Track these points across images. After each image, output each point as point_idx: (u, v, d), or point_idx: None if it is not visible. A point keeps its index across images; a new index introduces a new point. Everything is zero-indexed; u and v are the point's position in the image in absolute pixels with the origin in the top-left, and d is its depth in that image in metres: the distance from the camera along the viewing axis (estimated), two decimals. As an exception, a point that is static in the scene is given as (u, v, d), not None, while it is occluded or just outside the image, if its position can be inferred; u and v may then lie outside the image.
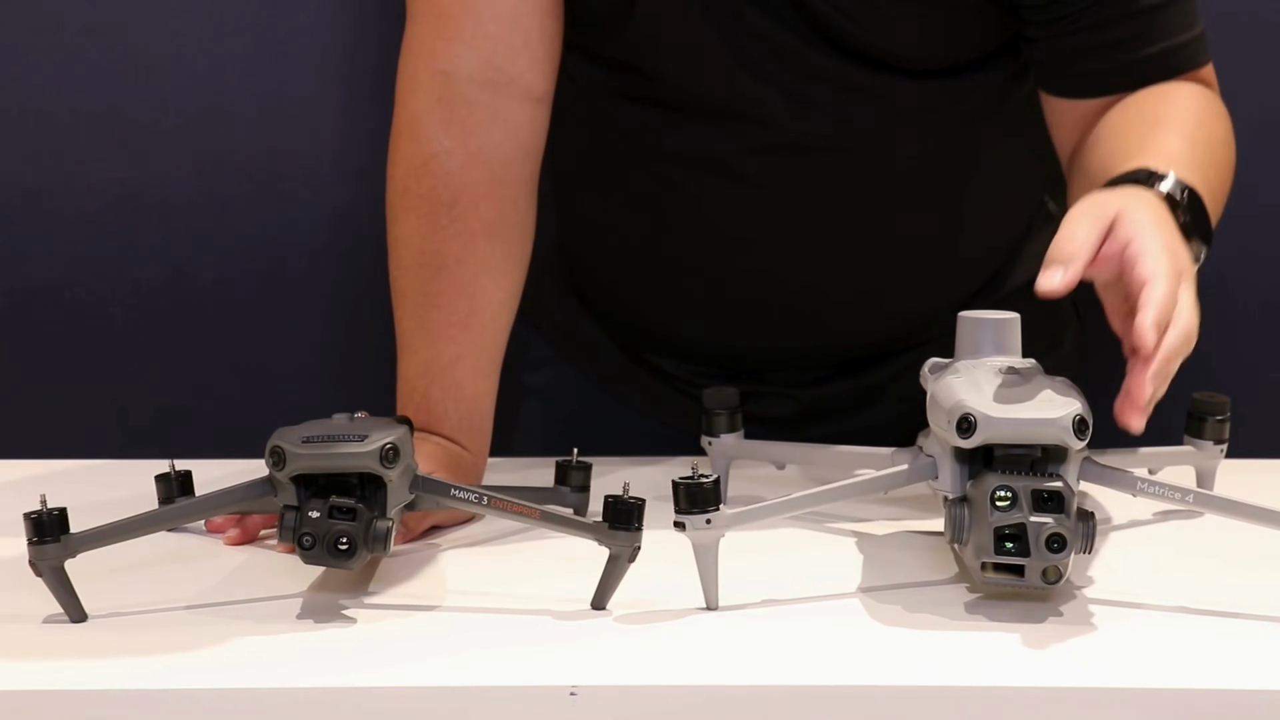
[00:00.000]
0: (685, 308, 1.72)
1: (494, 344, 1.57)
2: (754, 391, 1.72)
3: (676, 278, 1.70)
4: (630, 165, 1.68)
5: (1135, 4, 1.54)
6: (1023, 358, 1.36)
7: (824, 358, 1.74)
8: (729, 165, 1.63)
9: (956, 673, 1.18)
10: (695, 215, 1.66)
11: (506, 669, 1.19)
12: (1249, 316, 2.04)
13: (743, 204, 1.64)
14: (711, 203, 1.65)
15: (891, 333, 1.72)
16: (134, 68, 2.00)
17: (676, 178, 1.65)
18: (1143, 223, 1.32)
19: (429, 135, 1.56)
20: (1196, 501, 1.33)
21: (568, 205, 1.74)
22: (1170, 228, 1.36)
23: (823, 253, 1.66)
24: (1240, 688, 1.16)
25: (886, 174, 1.64)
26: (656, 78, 1.62)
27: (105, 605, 1.27)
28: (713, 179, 1.64)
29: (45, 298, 2.03)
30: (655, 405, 1.78)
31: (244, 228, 2.03)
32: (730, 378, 1.67)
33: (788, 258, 1.66)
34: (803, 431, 1.66)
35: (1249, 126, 1.62)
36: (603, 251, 1.76)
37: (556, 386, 1.82)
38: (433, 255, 1.55)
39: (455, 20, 1.57)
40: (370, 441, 1.27)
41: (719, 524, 1.26)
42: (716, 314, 1.71)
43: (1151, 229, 1.32)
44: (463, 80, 1.56)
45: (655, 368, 1.78)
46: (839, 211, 1.64)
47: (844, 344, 1.73)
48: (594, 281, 1.79)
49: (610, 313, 1.78)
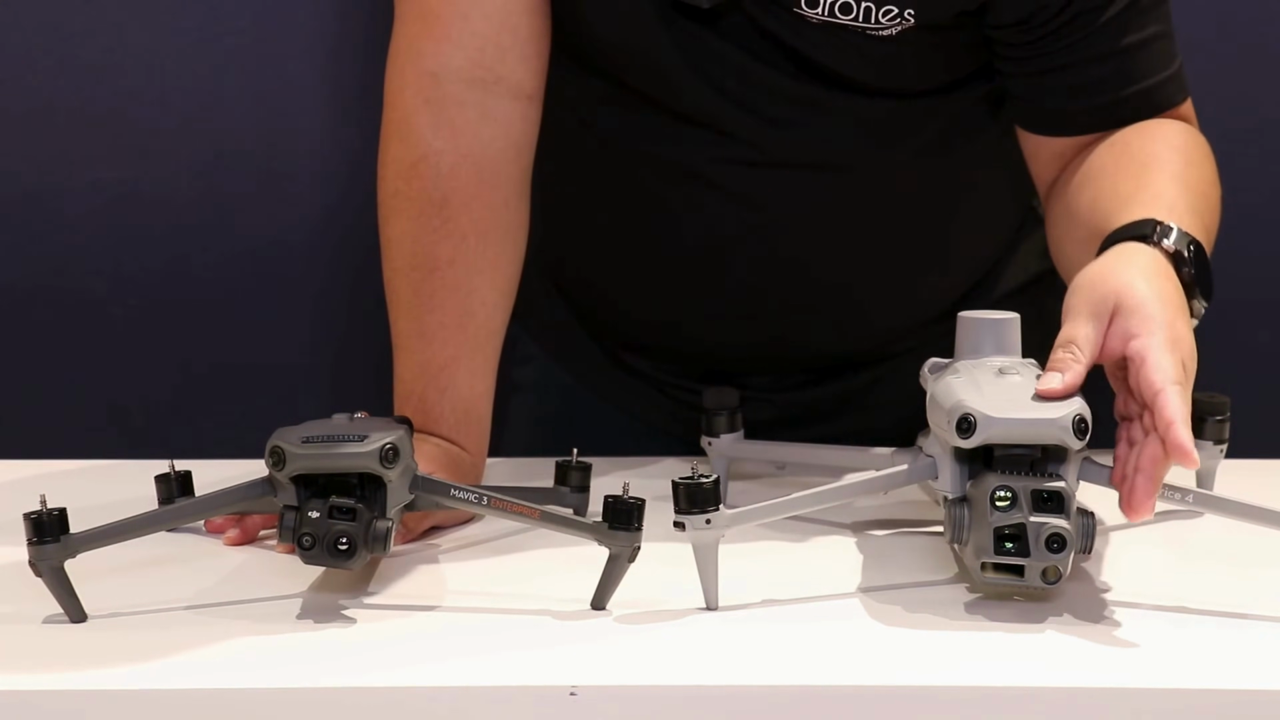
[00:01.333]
0: (665, 312, 1.72)
1: (489, 344, 1.57)
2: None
3: (657, 282, 1.70)
4: (612, 171, 1.67)
5: (1115, 44, 1.52)
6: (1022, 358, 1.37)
7: (804, 364, 1.74)
8: (710, 176, 1.62)
9: (956, 673, 1.18)
10: (676, 223, 1.66)
11: (506, 669, 1.19)
12: (1249, 316, 2.04)
13: (724, 214, 1.64)
14: (693, 211, 1.64)
15: (872, 341, 1.72)
16: (134, 68, 2.00)
17: (658, 185, 1.65)
18: (1145, 314, 1.31)
19: (419, 136, 1.56)
20: (1196, 501, 1.33)
21: (551, 207, 1.74)
22: (1171, 297, 1.34)
23: (805, 263, 1.66)
24: (1240, 688, 1.16)
25: (869, 188, 1.63)
26: (636, 91, 1.61)
27: (105, 605, 1.27)
28: (695, 188, 1.63)
29: (45, 297, 2.03)
30: (636, 403, 1.78)
31: (243, 227, 2.03)
32: (709, 381, 1.67)
33: (769, 267, 1.66)
34: (783, 435, 1.66)
35: (1250, 125, 1.62)
36: (584, 254, 1.76)
37: (542, 384, 1.82)
38: (425, 257, 1.55)
39: (442, 20, 1.56)
40: (370, 441, 1.27)
41: (719, 524, 1.26)
42: (696, 319, 1.71)
43: (1154, 321, 1.30)
44: (451, 80, 1.56)
45: (635, 368, 1.77)
46: (822, 224, 1.64)
47: (824, 351, 1.73)
48: (576, 282, 1.79)
49: (591, 313, 1.78)
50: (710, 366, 1.74)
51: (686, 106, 1.59)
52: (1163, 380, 1.27)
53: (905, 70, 1.57)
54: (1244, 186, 2.00)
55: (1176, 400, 1.27)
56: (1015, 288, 1.73)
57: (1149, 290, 1.32)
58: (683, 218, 1.65)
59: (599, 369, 1.79)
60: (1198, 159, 1.53)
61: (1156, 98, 1.54)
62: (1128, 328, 1.31)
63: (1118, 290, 1.32)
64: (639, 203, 1.67)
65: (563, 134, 1.66)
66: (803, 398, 1.74)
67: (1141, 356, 1.29)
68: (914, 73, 1.58)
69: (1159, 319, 1.31)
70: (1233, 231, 2.01)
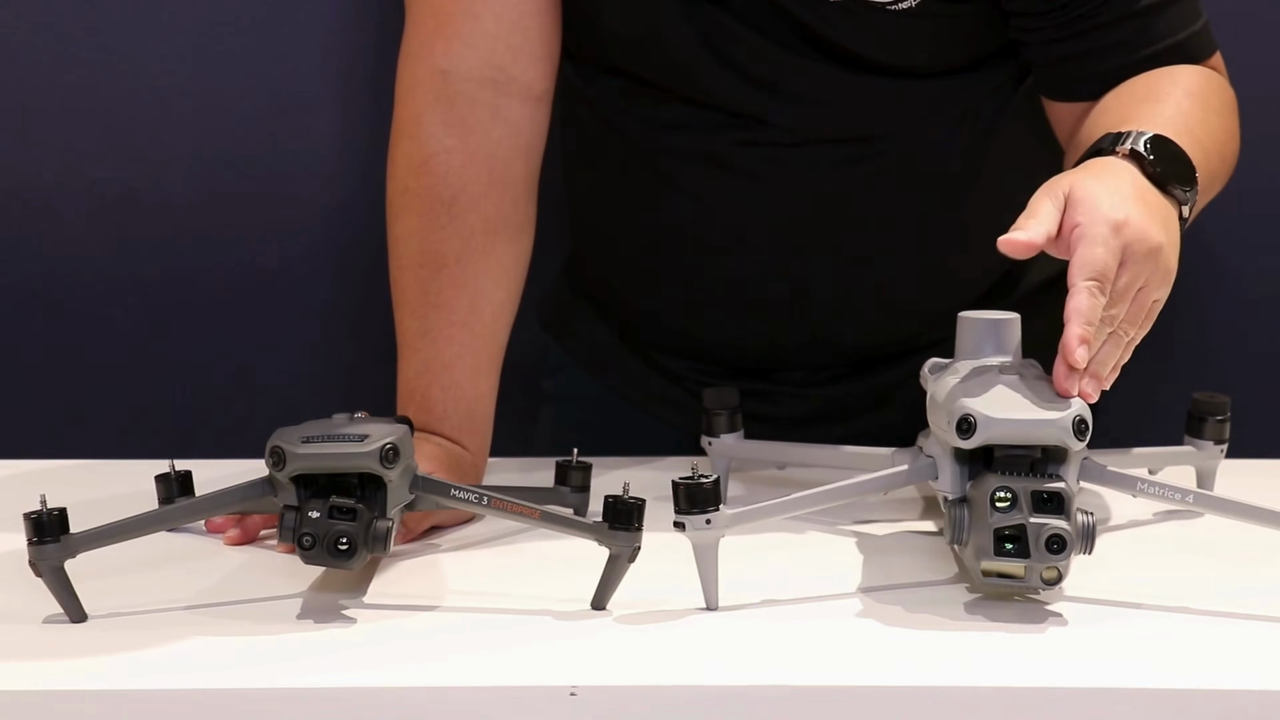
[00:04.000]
0: (695, 307, 1.71)
1: (494, 344, 1.57)
2: (764, 391, 1.72)
3: (685, 276, 1.70)
4: (637, 165, 1.67)
5: (1132, 5, 1.53)
6: (1023, 358, 1.37)
7: (835, 355, 1.73)
8: (737, 163, 1.62)
9: (956, 673, 1.18)
10: (706, 214, 1.65)
11: (506, 669, 1.19)
12: (1250, 316, 2.04)
13: (751, 200, 1.63)
14: (720, 201, 1.64)
15: (904, 330, 1.71)
16: (134, 68, 2.00)
17: (684, 178, 1.65)
18: (1090, 205, 1.33)
19: (429, 134, 1.56)
20: (1196, 502, 1.33)
21: (577, 208, 1.74)
22: (1127, 191, 1.36)
23: (834, 251, 1.66)
24: (1240, 688, 1.16)
25: (894, 168, 1.63)
26: (656, 84, 1.62)
27: (105, 605, 1.27)
28: (720, 176, 1.63)
29: (45, 298, 2.03)
30: (673, 412, 1.77)
31: (244, 227, 2.03)
32: (741, 377, 1.66)
33: (797, 253, 1.65)
34: (812, 431, 1.66)
35: (1250, 125, 1.62)
36: (611, 252, 1.75)
37: (572, 391, 1.81)
38: (432, 254, 1.55)
39: (454, 20, 1.57)
40: (370, 441, 1.27)
41: (719, 524, 1.26)
42: (726, 312, 1.70)
43: (1097, 212, 1.32)
44: (462, 79, 1.57)
45: (665, 369, 1.77)
46: (847, 205, 1.64)
47: (856, 342, 1.72)
48: (603, 283, 1.78)
49: (622, 317, 1.78)
50: (740, 363, 1.73)
51: (708, 93, 1.59)
52: (1077, 275, 1.29)
53: (924, 48, 1.57)
54: (1245, 186, 2.00)
55: (1082, 298, 1.29)
56: (1044, 279, 1.72)
57: (1098, 185, 1.34)
58: (712, 209, 1.64)
59: (628, 373, 1.78)
60: (1201, 90, 1.52)
61: (1180, 54, 1.54)
62: (1073, 217, 1.32)
63: (1070, 184, 1.34)
64: (667, 197, 1.66)
65: (587, 137, 1.66)
66: (835, 393, 1.73)
67: (1074, 247, 1.31)
68: (933, 50, 1.58)
69: (1103, 209, 1.32)
70: (1233, 231, 2.02)
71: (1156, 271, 1.34)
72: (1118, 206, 1.33)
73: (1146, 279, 1.33)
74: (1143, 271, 1.33)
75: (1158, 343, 1.94)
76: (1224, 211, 1.70)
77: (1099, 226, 1.31)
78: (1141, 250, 1.32)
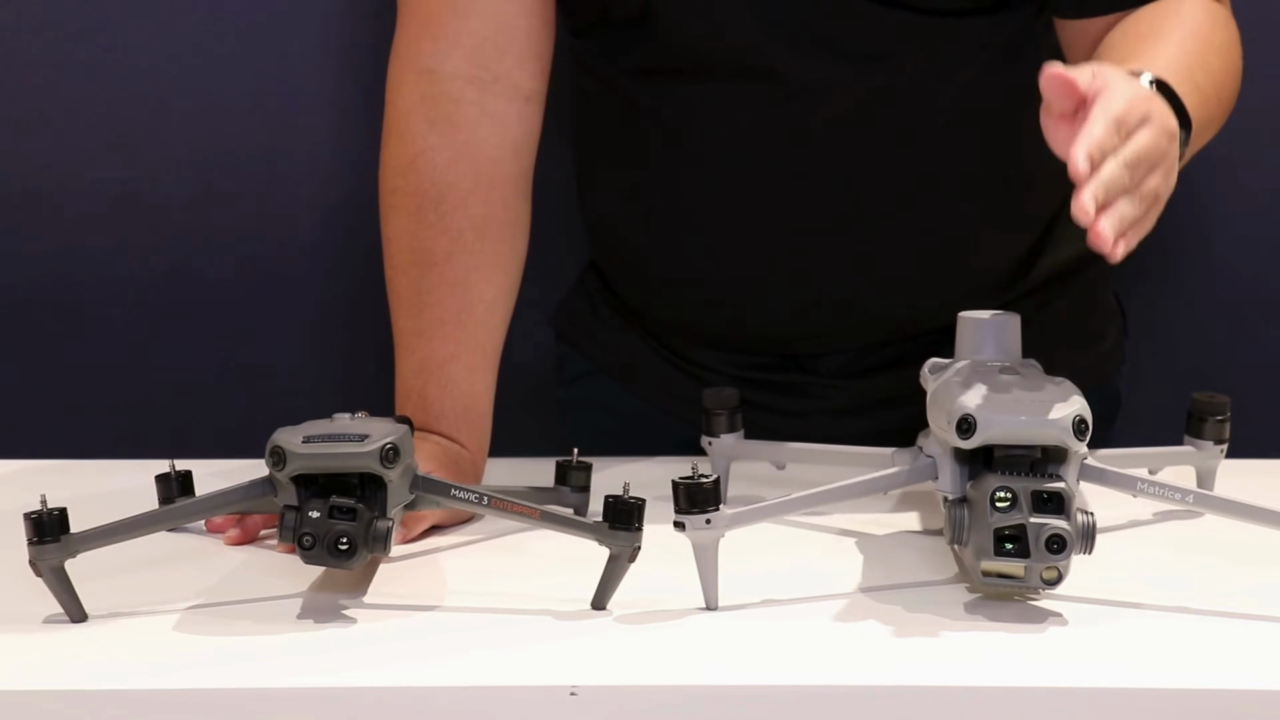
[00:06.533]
0: (725, 286, 1.67)
1: (489, 341, 1.57)
2: (799, 384, 1.71)
3: (713, 263, 1.67)
4: (658, 150, 1.65)
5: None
6: (1023, 358, 1.36)
7: (867, 333, 1.70)
8: (760, 138, 1.60)
9: (956, 673, 1.18)
10: (729, 187, 1.63)
11: (506, 669, 1.19)
12: (1250, 316, 2.04)
13: (777, 179, 1.61)
14: (742, 179, 1.62)
15: (930, 304, 1.67)
16: (133, 68, 2.00)
17: (710, 154, 1.61)
18: (1121, 74, 1.33)
19: (416, 132, 1.57)
20: (1196, 502, 1.33)
21: (596, 210, 1.72)
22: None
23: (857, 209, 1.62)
24: (1240, 688, 1.16)
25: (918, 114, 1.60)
26: (676, 41, 1.59)
27: (105, 605, 1.27)
28: (742, 154, 1.61)
29: (45, 298, 2.03)
30: (694, 409, 1.75)
31: (243, 227, 2.03)
32: (773, 370, 1.65)
33: (822, 217, 1.62)
34: (843, 424, 1.64)
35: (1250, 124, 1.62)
36: (633, 250, 1.72)
37: (593, 399, 1.80)
38: (422, 253, 1.55)
39: (441, 20, 1.58)
40: (370, 441, 1.27)
41: (719, 524, 1.26)
42: (754, 298, 1.68)
43: (1130, 82, 1.32)
44: (448, 77, 1.57)
45: (693, 369, 1.75)
46: (872, 159, 1.60)
47: (886, 316, 1.68)
48: (625, 284, 1.76)
49: (643, 314, 1.76)
50: (778, 349, 1.71)
51: (731, 45, 1.57)
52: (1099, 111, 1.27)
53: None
54: (1245, 186, 2.00)
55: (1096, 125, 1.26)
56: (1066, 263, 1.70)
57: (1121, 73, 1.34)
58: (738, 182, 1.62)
59: (654, 375, 1.76)
60: (1205, 29, 1.52)
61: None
62: (1100, 83, 1.30)
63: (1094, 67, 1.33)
64: (685, 183, 1.64)
65: (607, 124, 1.65)
66: (868, 386, 1.71)
67: (1100, 93, 1.29)
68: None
69: (1134, 85, 1.32)
70: (1233, 231, 2.02)
71: (1166, 159, 1.32)
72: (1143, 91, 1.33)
73: (1159, 157, 1.31)
74: (1159, 142, 1.31)
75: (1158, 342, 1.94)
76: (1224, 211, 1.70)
77: (1129, 85, 1.31)
78: (1160, 123, 1.31)
